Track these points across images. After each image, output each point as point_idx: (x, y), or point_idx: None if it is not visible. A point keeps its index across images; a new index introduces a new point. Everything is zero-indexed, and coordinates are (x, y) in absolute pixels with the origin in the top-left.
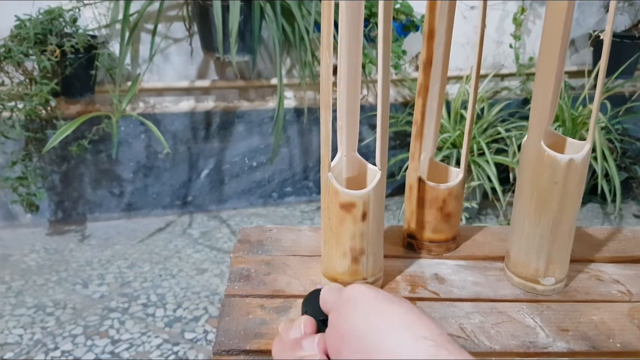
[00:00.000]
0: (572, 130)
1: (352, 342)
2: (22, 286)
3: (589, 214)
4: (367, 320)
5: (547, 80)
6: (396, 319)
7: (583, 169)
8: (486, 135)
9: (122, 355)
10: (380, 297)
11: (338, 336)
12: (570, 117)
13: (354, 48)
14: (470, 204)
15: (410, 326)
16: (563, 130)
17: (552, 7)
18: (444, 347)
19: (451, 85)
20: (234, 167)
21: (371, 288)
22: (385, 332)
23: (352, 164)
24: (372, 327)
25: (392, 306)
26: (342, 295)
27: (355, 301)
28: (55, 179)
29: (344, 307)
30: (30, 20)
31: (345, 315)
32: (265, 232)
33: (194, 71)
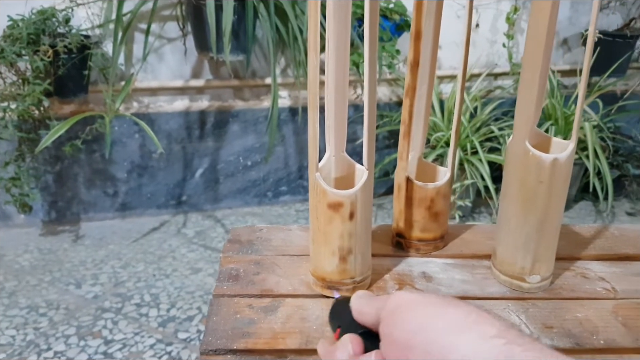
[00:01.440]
0: (565, 129)
1: (417, 351)
2: (16, 287)
3: (582, 211)
4: (429, 326)
5: (532, 81)
6: (459, 321)
7: (568, 168)
8: (479, 134)
9: (115, 355)
10: (435, 301)
11: (399, 347)
12: (562, 115)
13: (342, 48)
14: (464, 203)
15: (476, 326)
16: (555, 129)
17: (537, 7)
18: (515, 343)
19: (445, 84)
20: (228, 166)
21: (419, 293)
22: (452, 336)
23: (340, 164)
24: (436, 333)
25: (450, 308)
26: (388, 305)
27: (409, 308)
28: (49, 179)
29: (398, 317)
30: (23, 21)
31: (402, 324)
32: (256, 232)
33: (188, 71)
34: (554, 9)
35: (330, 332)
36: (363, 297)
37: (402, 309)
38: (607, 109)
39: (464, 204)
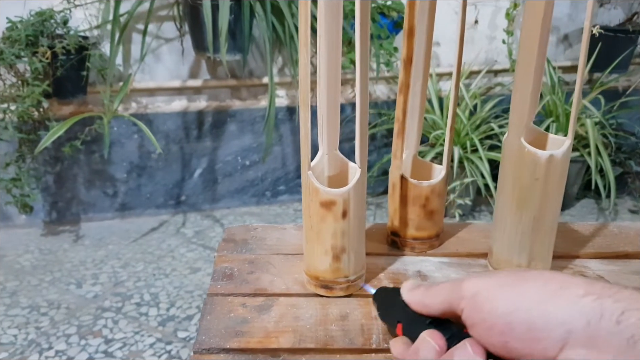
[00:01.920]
0: (566, 126)
1: (519, 329)
2: (17, 287)
3: (584, 209)
4: (520, 305)
5: (526, 77)
6: (545, 291)
7: (564, 165)
8: (479, 132)
9: (116, 354)
10: (510, 280)
11: (498, 330)
12: (564, 112)
13: (334, 46)
14: (464, 201)
15: (562, 291)
16: (557, 126)
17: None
18: (605, 295)
19: (444, 82)
20: (226, 166)
21: (489, 276)
22: (544, 305)
23: (333, 162)
24: (530, 308)
25: (529, 282)
26: (465, 294)
27: (491, 293)
28: (49, 179)
29: (483, 304)
30: (22, 22)
31: (492, 310)
32: (250, 231)
33: (186, 71)
34: (548, 5)
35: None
36: (416, 288)
37: (484, 295)
38: (609, 106)
39: (464, 203)
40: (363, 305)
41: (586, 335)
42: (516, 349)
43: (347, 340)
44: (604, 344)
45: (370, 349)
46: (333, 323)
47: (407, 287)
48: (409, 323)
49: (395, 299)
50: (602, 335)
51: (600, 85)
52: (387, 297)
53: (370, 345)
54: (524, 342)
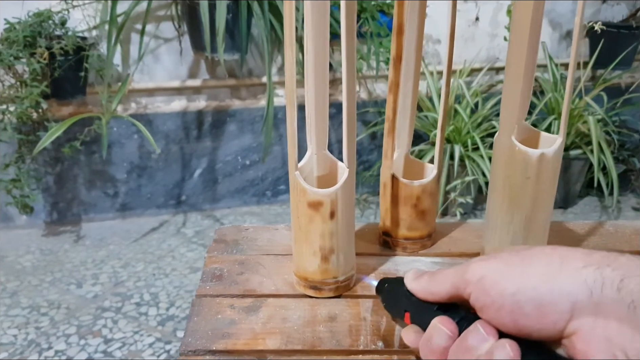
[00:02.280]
0: (568, 123)
1: (529, 306)
2: (17, 287)
3: (586, 207)
4: (527, 284)
5: (516, 75)
6: (548, 268)
7: (555, 164)
8: (480, 130)
9: (115, 354)
10: (514, 260)
11: (507, 311)
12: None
13: (321, 45)
14: (465, 200)
15: (564, 265)
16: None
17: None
18: (603, 264)
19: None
20: (226, 166)
21: (493, 258)
22: (550, 283)
23: (322, 162)
24: (536, 286)
25: (534, 261)
26: (470, 278)
27: (497, 276)
28: (50, 180)
29: (490, 287)
30: (20, 23)
31: (500, 291)
32: (242, 232)
33: (185, 71)
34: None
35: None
36: (420, 277)
37: (490, 278)
38: (612, 102)
39: (465, 201)
40: (352, 306)
41: (591, 305)
42: (527, 326)
43: (334, 342)
44: (607, 311)
45: (358, 350)
46: (321, 324)
47: (410, 276)
48: (416, 311)
49: (400, 289)
50: (605, 303)
51: (603, 82)
52: (391, 287)
53: (358, 347)
54: (534, 318)
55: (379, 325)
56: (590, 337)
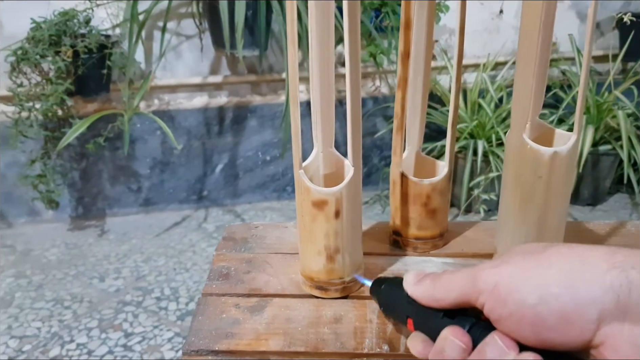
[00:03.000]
0: (597, 118)
1: (553, 318)
2: (42, 280)
3: (617, 204)
4: (549, 292)
5: (527, 69)
6: (569, 273)
7: (570, 162)
8: (505, 125)
9: (134, 348)
10: (529, 265)
11: (526, 324)
12: (594, 103)
13: (325, 42)
14: (489, 196)
15: (586, 269)
16: (587, 118)
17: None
18: (629, 266)
19: (469, 73)
20: (247, 161)
21: (504, 262)
22: (574, 289)
23: (329, 160)
24: (560, 294)
25: (552, 265)
26: (483, 287)
27: (514, 284)
28: (75, 175)
29: (506, 296)
30: (45, 23)
31: (519, 302)
32: (251, 230)
33: (206, 67)
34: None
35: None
36: (421, 282)
37: (505, 287)
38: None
39: (489, 198)
40: (358, 307)
41: (618, 309)
42: (550, 338)
43: (338, 344)
44: (635, 316)
45: (362, 353)
46: (325, 325)
47: (410, 281)
48: (420, 318)
49: (399, 293)
50: (633, 306)
51: (633, 75)
52: (388, 290)
53: (362, 350)
54: (558, 330)
55: (385, 327)
56: (619, 344)
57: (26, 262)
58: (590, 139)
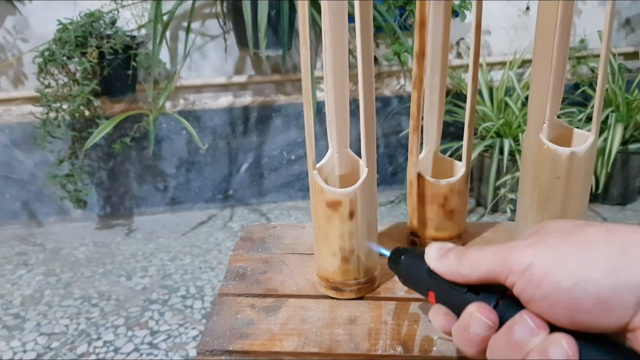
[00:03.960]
0: (627, 116)
1: (585, 305)
2: (71, 278)
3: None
4: (587, 274)
5: (544, 69)
6: (609, 257)
7: (588, 163)
8: None
9: (160, 346)
10: (569, 245)
11: (560, 307)
12: (624, 101)
13: (339, 42)
14: (516, 195)
15: (626, 254)
16: (616, 116)
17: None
18: None
19: (495, 71)
20: (272, 160)
21: (535, 241)
22: (612, 275)
23: (344, 160)
24: (596, 279)
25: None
26: (514, 267)
27: (548, 266)
28: (103, 175)
29: (539, 278)
30: (72, 24)
31: (551, 283)
32: (269, 230)
33: (231, 67)
34: None
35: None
36: (445, 256)
37: (540, 269)
38: None
39: (516, 197)
40: (373, 308)
41: None
42: (585, 322)
43: (352, 345)
44: None
45: (376, 354)
46: (340, 326)
47: (433, 255)
48: (442, 292)
49: (420, 265)
50: None
51: None
52: (408, 262)
53: (376, 352)
54: (594, 315)
55: (399, 329)
56: None
57: (55, 260)
58: (619, 137)
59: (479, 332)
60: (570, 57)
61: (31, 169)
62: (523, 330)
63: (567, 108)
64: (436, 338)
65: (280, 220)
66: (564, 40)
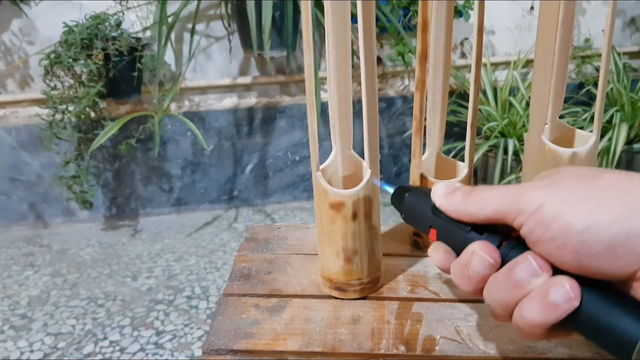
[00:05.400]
0: (632, 115)
1: (594, 249)
2: (77, 279)
3: None
4: (598, 219)
5: (545, 70)
6: (623, 204)
7: (589, 164)
8: None
9: (165, 346)
10: (584, 190)
11: (569, 250)
12: (629, 100)
13: (342, 43)
14: None
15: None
16: (621, 116)
17: None
18: None
19: (500, 71)
20: (277, 161)
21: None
22: (625, 222)
23: (347, 161)
24: (608, 224)
25: (607, 195)
26: (524, 207)
27: (560, 209)
28: (108, 176)
29: (550, 220)
30: (77, 26)
31: (561, 225)
32: (274, 230)
33: (236, 68)
34: None
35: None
36: (452, 194)
37: (552, 211)
38: None
39: None
40: (377, 308)
41: None
42: (592, 266)
43: (355, 345)
44: None
45: (379, 354)
46: (343, 326)
47: (439, 192)
48: (444, 230)
49: (425, 202)
50: None
51: None
52: (412, 199)
53: (379, 351)
54: (602, 260)
55: (402, 328)
56: None
57: (62, 261)
58: (624, 137)
59: (479, 270)
60: (575, 57)
61: (37, 171)
62: (525, 271)
63: (571, 107)
64: (439, 337)
65: (285, 220)
66: (566, 42)
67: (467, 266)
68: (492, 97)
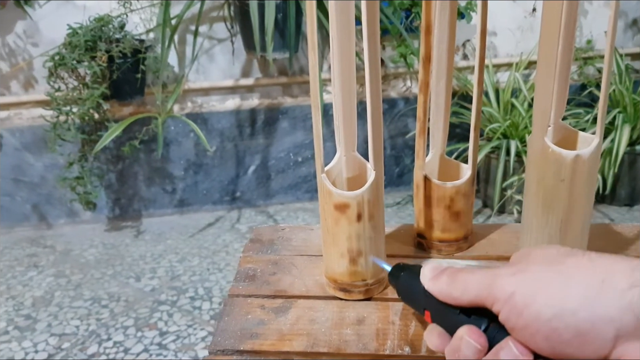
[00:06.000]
0: (634, 116)
1: (564, 336)
2: (81, 279)
3: None
4: (565, 307)
5: (548, 72)
6: (587, 289)
7: (592, 166)
8: None
9: (169, 346)
10: (550, 273)
11: (541, 337)
12: (631, 102)
13: (346, 46)
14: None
15: (606, 286)
16: (624, 117)
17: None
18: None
19: (502, 73)
20: (279, 162)
21: (519, 270)
22: (589, 307)
23: (352, 163)
24: (577, 310)
25: (571, 278)
26: (498, 294)
27: (529, 297)
28: (112, 177)
29: (521, 307)
30: (81, 28)
31: (531, 313)
32: (278, 232)
33: (238, 70)
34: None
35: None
36: (438, 277)
37: (522, 299)
38: None
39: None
40: (381, 309)
41: (637, 329)
42: (565, 352)
43: (360, 345)
44: None
45: (384, 354)
46: (348, 327)
47: (427, 275)
48: (437, 312)
49: (417, 284)
50: None
51: None
52: (407, 279)
53: (384, 351)
54: (573, 346)
55: (407, 329)
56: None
57: (65, 262)
58: (626, 138)
59: (468, 355)
60: (577, 58)
61: (41, 172)
62: (508, 356)
63: (574, 109)
64: None
65: (287, 221)
66: (568, 44)
67: (457, 351)
68: (494, 98)
